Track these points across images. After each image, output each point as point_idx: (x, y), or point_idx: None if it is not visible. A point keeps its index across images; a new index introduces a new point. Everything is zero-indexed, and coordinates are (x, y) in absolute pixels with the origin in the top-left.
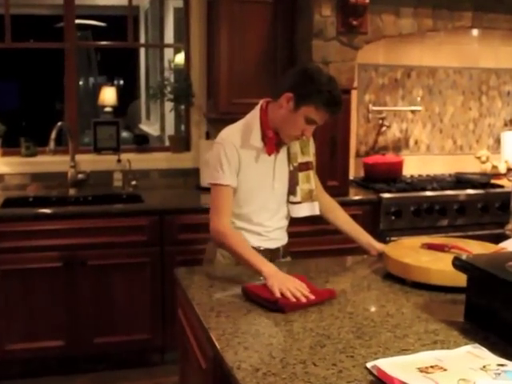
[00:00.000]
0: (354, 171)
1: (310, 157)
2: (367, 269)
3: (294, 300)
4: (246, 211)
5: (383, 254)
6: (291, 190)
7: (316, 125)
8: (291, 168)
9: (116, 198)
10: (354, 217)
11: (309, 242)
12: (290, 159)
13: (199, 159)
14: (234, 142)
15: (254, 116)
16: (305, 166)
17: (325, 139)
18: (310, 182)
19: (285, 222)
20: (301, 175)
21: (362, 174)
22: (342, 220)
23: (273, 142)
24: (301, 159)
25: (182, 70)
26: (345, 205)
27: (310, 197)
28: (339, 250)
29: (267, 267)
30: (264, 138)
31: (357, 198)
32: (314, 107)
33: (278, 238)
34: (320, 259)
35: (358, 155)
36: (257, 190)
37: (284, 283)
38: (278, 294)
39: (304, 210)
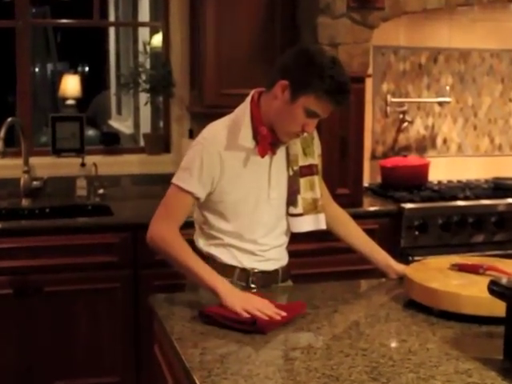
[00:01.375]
0: (370, 176)
1: (315, 159)
2: (385, 295)
3: (266, 319)
4: (236, 227)
5: (405, 277)
6: (291, 200)
7: (318, 118)
8: (291, 173)
9: (79, 211)
10: (370, 232)
11: (313, 262)
12: (289, 162)
13: (181, 162)
14: (218, 143)
15: (243, 110)
16: (308, 170)
17: (333, 138)
18: (314, 189)
19: (284, 239)
20: (303, 181)
21: (378, 179)
22: (355, 236)
23: (267, 140)
24: (302, 162)
25: (159, 55)
26: (358, 217)
27: (314, 208)
28: (351, 272)
29: (222, 284)
30: (256, 136)
31: (372, 209)
32: (314, 96)
33: (275, 259)
34: (327, 284)
35: (373, 157)
36: (248, 201)
37: (247, 302)
38: (244, 315)
39: (307, 224)
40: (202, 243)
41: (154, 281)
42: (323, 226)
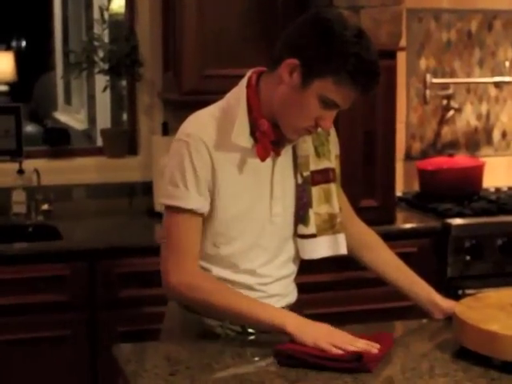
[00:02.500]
0: (404, 183)
1: (331, 161)
2: (428, 342)
3: (375, 352)
4: (227, 252)
5: (453, 317)
6: (300, 216)
7: (337, 109)
8: (299, 180)
9: (16, 233)
10: (405, 257)
11: (331, 299)
12: (297, 166)
13: (152, 167)
14: (205, 138)
15: (237, 97)
16: (322, 177)
17: (356, 133)
18: (330, 201)
19: (291, 269)
20: (316, 191)
21: (416, 187)
22: (386, 262)
23: (268, 138)
24: (315, 165)
25: (121, 24)
26: (389, 238)
27: (331, 226)
28: (381, 311)
29: (290, 318)
30: (255, 132)
31: (408, 226)
32: (332, 81)
33: (280, 294)
34: (351, 327)
35: (409, 157)
36: (244, 219)
37: (332, 335)
38: (334, 351)
39: (322, 248)
40: None
41: (117, 326)
42: (343, 251)
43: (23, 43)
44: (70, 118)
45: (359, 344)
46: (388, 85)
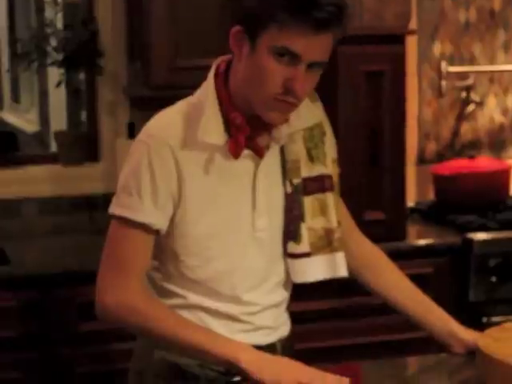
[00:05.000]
0: (416, 191)
1: (327, 166)
2: (447, 380)
3: None
4: (205, 277)
5: (477, 350)
6: (291, 232)
7: (300, 61)
8: (289, 189)
9: None
10: (419, 279)
11: (330, 330)
12: (286, 171)
13: (116, 176)
14: (171, 140)
15: (205, 90)
16: (316, 185)
17: (359, 132)
18: (327, 214)
19: (282, 295)
20: (309, 202)
21: (431, 195)
22: (395, 286)
23: (243, 132)
24: (308, 171)
25: (77, 7)
26: (400, 257)
27: (327, 243)
28: (391, 344)
29: (244, 351)
30: (229, 127)
31: (423, 242)
32: (276, 26)
33: (270, 326)
34: (357, 363)
35: (422, 161)
36: (220, 235)
37: (294, 371)
38: None
39: (317, 270)
40: None
41: (76, 366)
42: (343, 272)
43: None
44: (19, 118)
45: (328, 380)
46: (396, 75)
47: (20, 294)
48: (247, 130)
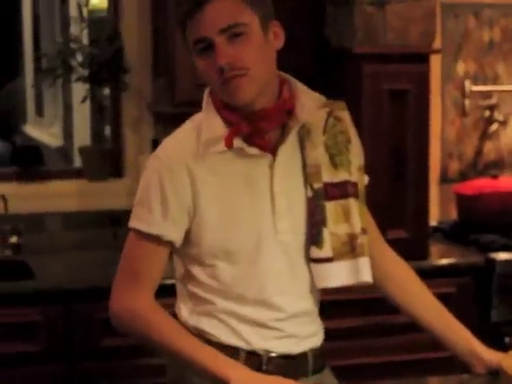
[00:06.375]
0: (439, 211)
1: (352, 173)
2: None
3: None
4: (231, 281)
5: (500, 372)
6: (313, 236)
7: (209, 42)
8: (309, 193)
9: None
10: (441, 298)
11: (353, 348)
12: (306, 175)
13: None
14: (184, 153)
15: (205, 106)
16: (339, 191)
17: (382, 150)
18: (350, 219)
19: (311, 302)
20: (331, 207)
21: (453, 215)
22: (421, 302)
23: (238, 128)
24: (330, 177)
25: (103, 23)
26: (422, 276)
27: (351, 249)
28: (413, 363)
29: (235, 371)
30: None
31: (445, 262)
32: (183, 27)
33: (300, 335)
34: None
35: (445, 180)
36: (242, 239)
37: None
38: None
39: (339, 275)
40: (185, 311)
41: (99, 380)
42: (367, 278)
43: None
44: (42, 132)
45: None
46: (420, 94)
47: (44, 308)
48: (245, 126)
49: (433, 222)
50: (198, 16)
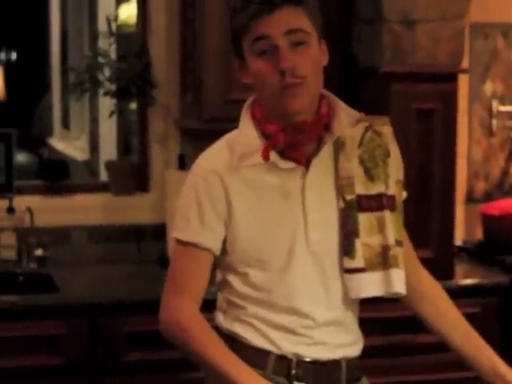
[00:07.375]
0: (465, 230)
1: (389, 186)
2: None
3: None
4: (263, 289)
5: None
6: (345, 247)
7: (273, 43)
8: (341, 205)
9: (4, 283)
10: (466, 318)
11: (377, 366)
12: (339, 187)
13: (166, 207)
14: (217, 166)
15: (242, 119)
16: (373, 203)
17: (408, 170)
18: (384, 231)
19: (344, 312)
20: (364, 218)
21: (479, 235)
22: (451, 322)
23: (276, 141)
24: (365, 189)
25: (132, 38)
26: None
27: (383, 260)
28: (437, 383)
29: (250, 380)
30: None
31: (470, 282)
32: (245, 28)
33: (331, 343)
34: None
35: (471, 200)
36: (274, 247)
37: None
38: None
39: (371, 286)
40: (222, 317)
41: None
42: (400, 289)
43: (13, 56)
44: (68, 145)
45: None
46: (447, 113)
47: (68, 322)
48: (282, 136)
49: (458, 242)
50: (265, 16)
